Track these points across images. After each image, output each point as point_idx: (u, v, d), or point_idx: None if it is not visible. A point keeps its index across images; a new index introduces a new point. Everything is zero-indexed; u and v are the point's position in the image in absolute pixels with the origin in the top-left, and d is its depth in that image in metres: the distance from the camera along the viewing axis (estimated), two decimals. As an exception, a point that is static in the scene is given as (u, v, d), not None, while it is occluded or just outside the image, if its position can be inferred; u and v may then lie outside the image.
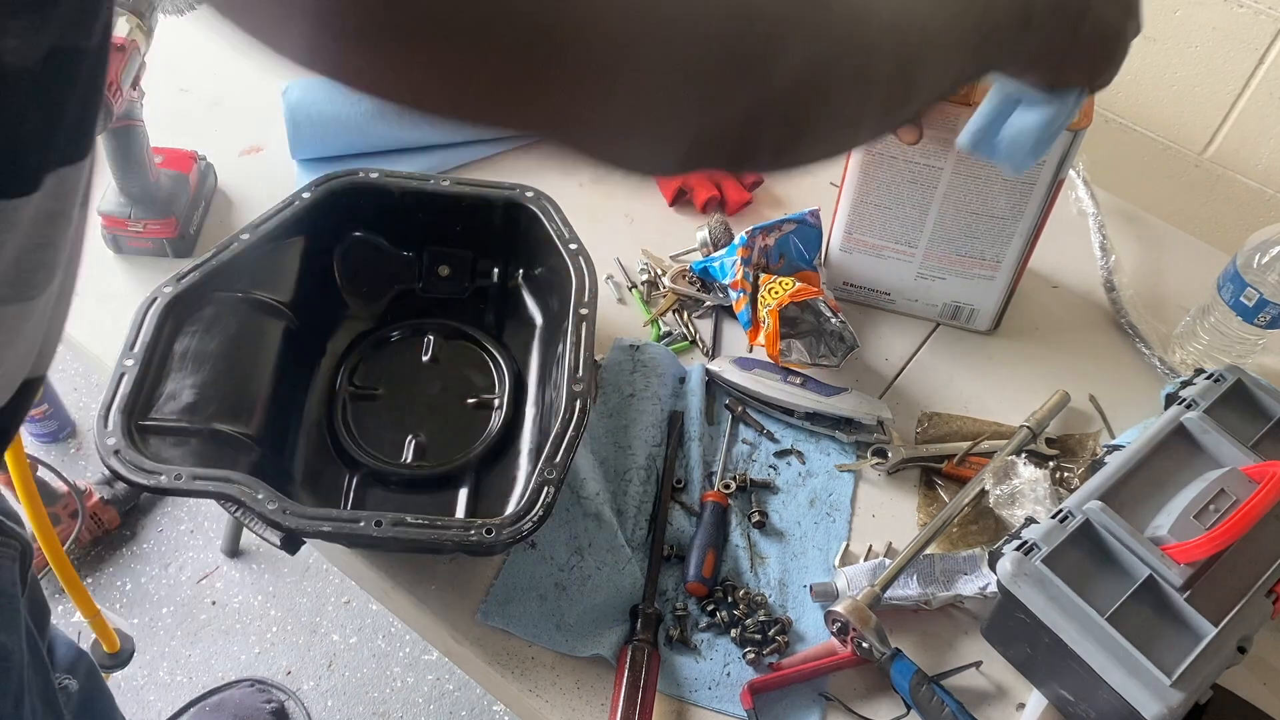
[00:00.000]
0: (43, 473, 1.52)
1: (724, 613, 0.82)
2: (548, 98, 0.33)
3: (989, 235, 0.96)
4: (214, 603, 1.70)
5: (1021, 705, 0.80)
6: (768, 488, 0.91)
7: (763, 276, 0.99)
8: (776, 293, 0.95)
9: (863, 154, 0.94)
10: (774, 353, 0.95)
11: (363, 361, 0.95)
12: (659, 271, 1.06)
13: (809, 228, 1.03)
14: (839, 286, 1.05)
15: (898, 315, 1.06)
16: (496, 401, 0.92)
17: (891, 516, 0.90)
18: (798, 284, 0.96)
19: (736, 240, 1.01)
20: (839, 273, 1.05)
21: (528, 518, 0.74)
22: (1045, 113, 0.67)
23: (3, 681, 0.61)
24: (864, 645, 0.77)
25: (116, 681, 1.57)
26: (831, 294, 1.02)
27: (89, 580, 1.70)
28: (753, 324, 0.98)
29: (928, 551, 0.84)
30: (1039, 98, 0.67)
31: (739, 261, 0.99)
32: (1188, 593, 0.72)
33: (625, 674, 0.77)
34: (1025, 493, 0.85)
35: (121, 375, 0.79)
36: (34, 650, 0.67)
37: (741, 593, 0.83)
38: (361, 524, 0.73)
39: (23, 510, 0.88)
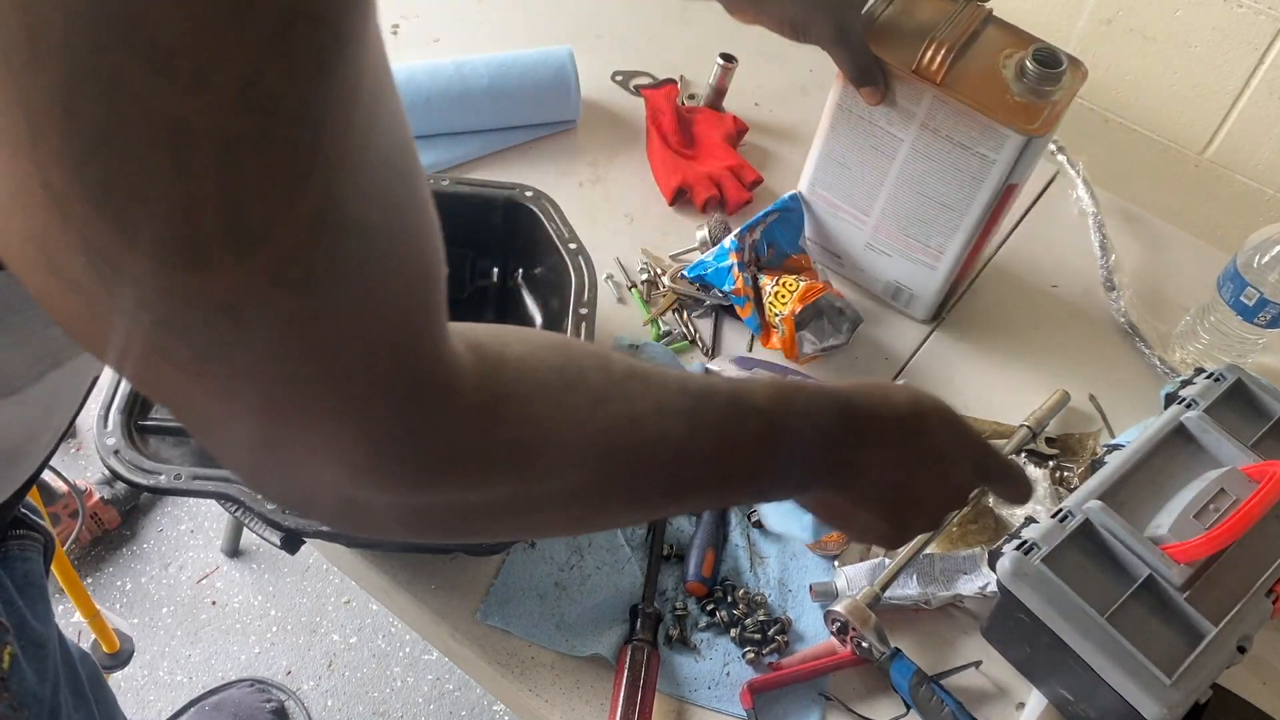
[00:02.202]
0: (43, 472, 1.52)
1: (724, 612, 0.82)
2: None
3: (936, 222, 0.96)
4: (214, 603, 1.70)
5: (1021, 705, 0.80)
6: (767, 487, 0.91)
7: (763, 277, 1.00)
8: (784, 297, 0.96)
9: (836, 105, 0.95)
10: (794, 355, 0.97)
11: (362, 361, 0.94)
12: (659, 271, 1.06)
13: (791, 212, 1.03)
14: None
15: (893, 312, 1.06)
16: (496, 401, 0.92)
17: (891, 516, 0.90)
18: (802, 282, 0.96)
19: (727, 244, 1.01)
20: None
21: (527, 517, 0.74)
22: None
23: (42, 668, 0.62)
24: (864, 645, 0.77)
25: (116, 681, 1.57)
26: (825, 275, 1.03)
27: (89, 580, 1.70)
28: (763, 328, 0.99)
29: (927, 551, 0.84)
30: None
31: (735, 266, 0.99)
32: (1188, 593, 0.72)
33: (625, 674, 0.77)
34: (1025, 492, 0.85)
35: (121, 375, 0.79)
36: (60, 640, 0.68)
37: (741, 592, 0.83)
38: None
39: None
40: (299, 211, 0.30)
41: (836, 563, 0.86)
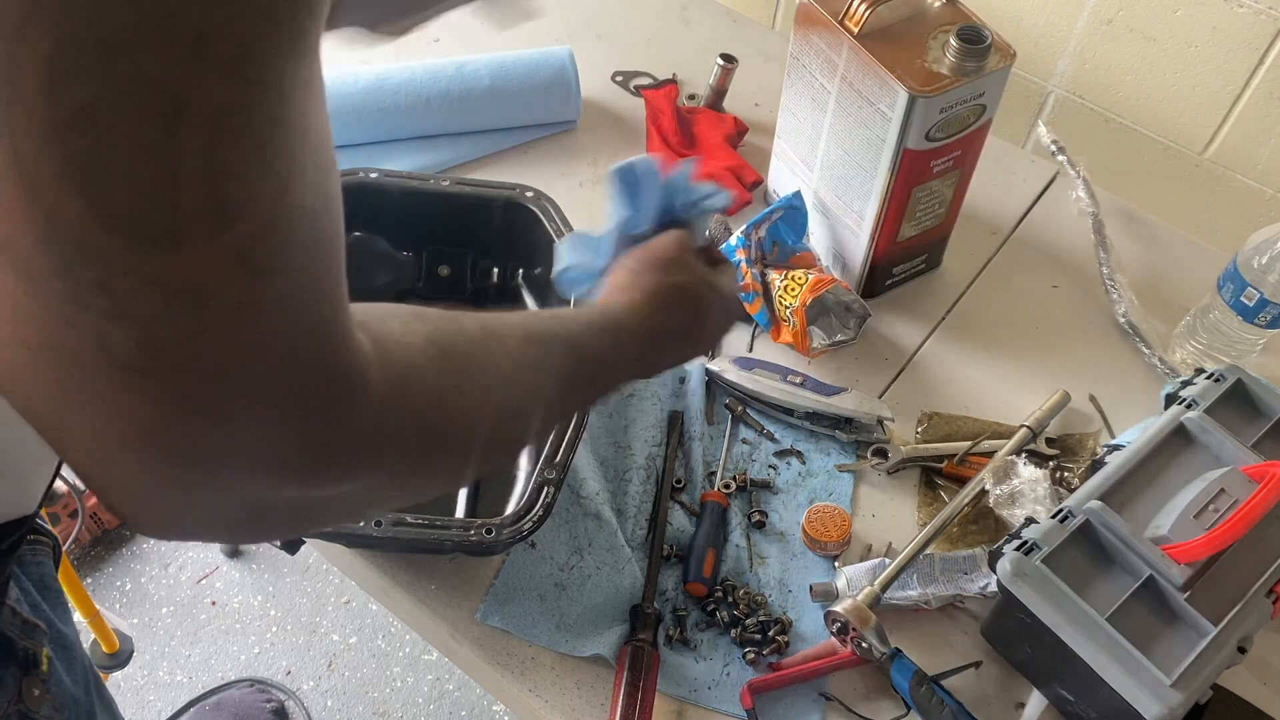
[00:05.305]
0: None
1: (724, 612, 0.82)
2: None
3: (855, 183, 0.97)
4: (214, 603, 1.70)
5: (1021, 705, 0.80)
6: (767, 488, 0.91)
7: (770, 273, 1.00)
8: (794, 290, 0.96)
9: (791, 57, 0.96)
10: (805, 348, 0.98)
11: (362, 361, 0.94)
12: (659, 271, 1.06)
13: (795, 210, 1.03)
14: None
15: (897, 315, 1.05)
16: (496, 401, 0.92)
17: (891, 516, 0.90)
18: (810, 275, 0.97)
19: (733, 241, 1.01)
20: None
21: (527, 518, 0.74)
22: None
23: (71, 668, 0.62)
24: (864, 645, 0.77)
25: (116, 681, 1.57)
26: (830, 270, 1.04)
27: (88, 580, 1.70)
28: (773, 323, 0.99)
29: (928, 551, 0.84)
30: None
31: (744, 263, 1.00)
32: (1188, 593, 0.72)
33: (625, 674, 0.77)
34: (1025, 493, 0.85)
35: (121, 375, 0.79)
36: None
37: (741, 592, 0.83)
38: (361, 524, 0.73)
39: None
40: (267, 187, 0.30)
41: (837, 563, 0.86)
